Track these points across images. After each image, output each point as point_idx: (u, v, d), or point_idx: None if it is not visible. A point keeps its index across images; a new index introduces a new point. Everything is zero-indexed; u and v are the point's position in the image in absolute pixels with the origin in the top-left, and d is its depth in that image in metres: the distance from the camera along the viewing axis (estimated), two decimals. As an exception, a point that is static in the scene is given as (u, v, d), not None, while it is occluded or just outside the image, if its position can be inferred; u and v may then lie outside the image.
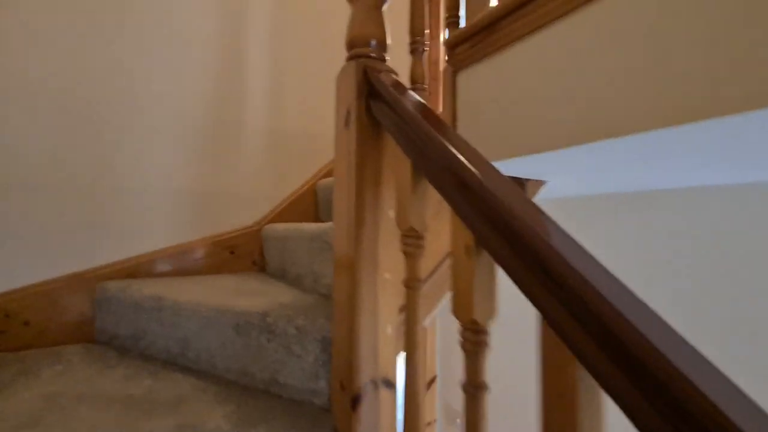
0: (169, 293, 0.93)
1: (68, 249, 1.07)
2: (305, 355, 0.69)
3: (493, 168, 0.43)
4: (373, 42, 0.64)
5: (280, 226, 1.19)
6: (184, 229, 1.25)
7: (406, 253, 0.52)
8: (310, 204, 1.47)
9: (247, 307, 0.78)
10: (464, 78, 0.68)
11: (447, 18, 0.78)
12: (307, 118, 1.51)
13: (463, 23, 0.79)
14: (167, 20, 1.23)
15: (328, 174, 1.52)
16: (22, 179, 1.01)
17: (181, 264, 1.22)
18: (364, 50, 0.64)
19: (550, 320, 0.32)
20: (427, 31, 0.93)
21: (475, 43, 0.64)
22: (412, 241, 0.52)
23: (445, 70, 0.75)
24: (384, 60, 0.66)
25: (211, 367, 0.81)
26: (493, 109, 0.62)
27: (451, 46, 0.71)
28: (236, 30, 1.36)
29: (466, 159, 0.43)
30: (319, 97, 1.55)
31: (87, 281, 1.08)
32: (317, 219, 1.47)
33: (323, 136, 1.55)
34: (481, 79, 0.64)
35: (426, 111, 0.51)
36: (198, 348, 0.83)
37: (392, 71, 0.65)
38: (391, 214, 0.63)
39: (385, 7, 0.67)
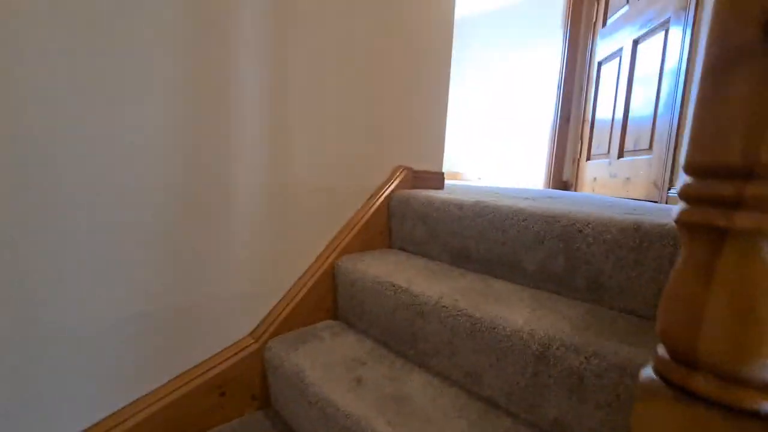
0: None
1: None
2: None
3: None
4: None
5: (313, 377, 0.78)
6: (144, 373, 0.77)
7: None
8: (326, 293, 1.05)
9: None
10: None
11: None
12: (318, 168, 1.04)
13: None
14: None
15: (349, 247, 1.09)
16: None
17: (145, 434, 0.76)
18: None
19: None
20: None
21: None
22: None
23: None
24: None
25: None
26: None
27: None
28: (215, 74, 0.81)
29: None
30: (337, 136, 1.07)
31: None
32: (335, 316, 1.06)
33: (335, 191, 1.10)
34: None
35: None
36: None
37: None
38: None
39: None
